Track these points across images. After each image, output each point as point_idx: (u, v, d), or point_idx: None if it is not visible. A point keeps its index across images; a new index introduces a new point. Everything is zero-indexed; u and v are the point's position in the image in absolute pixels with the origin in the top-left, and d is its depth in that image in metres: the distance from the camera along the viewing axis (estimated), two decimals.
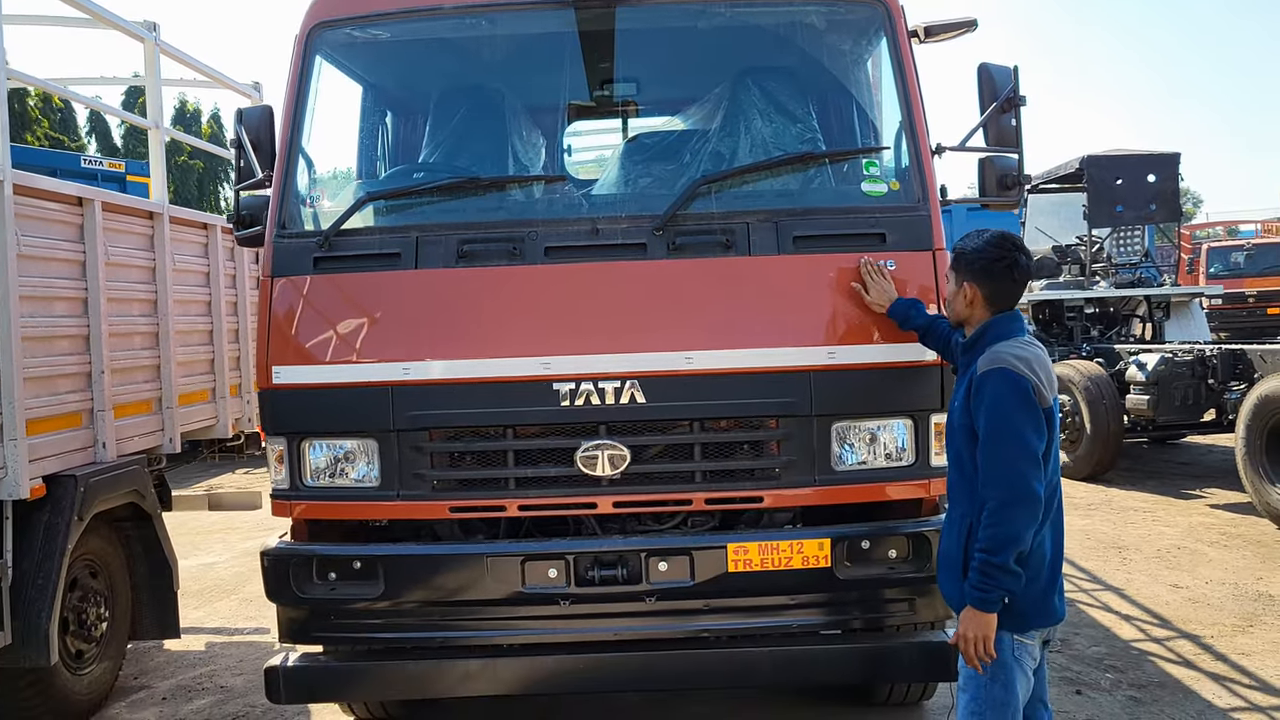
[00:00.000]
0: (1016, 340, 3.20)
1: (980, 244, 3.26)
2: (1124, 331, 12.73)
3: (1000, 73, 4.19)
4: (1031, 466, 3.00)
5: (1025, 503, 2.98)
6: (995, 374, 3.06)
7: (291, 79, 4.22)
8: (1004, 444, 3.02)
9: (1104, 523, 9.05)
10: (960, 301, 3.30)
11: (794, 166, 4.14)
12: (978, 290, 3.24)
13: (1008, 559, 2.97)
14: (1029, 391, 3.04)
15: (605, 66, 4.68)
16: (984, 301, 3.25)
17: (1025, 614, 3.11)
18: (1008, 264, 3.22)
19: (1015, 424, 3.02)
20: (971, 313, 3.29)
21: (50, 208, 5.06)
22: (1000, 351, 3.11)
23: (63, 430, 5.06)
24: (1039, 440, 3.04)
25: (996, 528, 2.98)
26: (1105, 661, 5.65)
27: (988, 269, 3.23)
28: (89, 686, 5.33)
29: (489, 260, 3.90)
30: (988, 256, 3.23)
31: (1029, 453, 3.01)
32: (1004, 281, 3.24)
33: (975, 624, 3.03)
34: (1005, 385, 3.04)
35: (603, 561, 3.81)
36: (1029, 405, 3.04)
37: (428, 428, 3.88)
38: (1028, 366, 3.08)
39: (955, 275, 3.32)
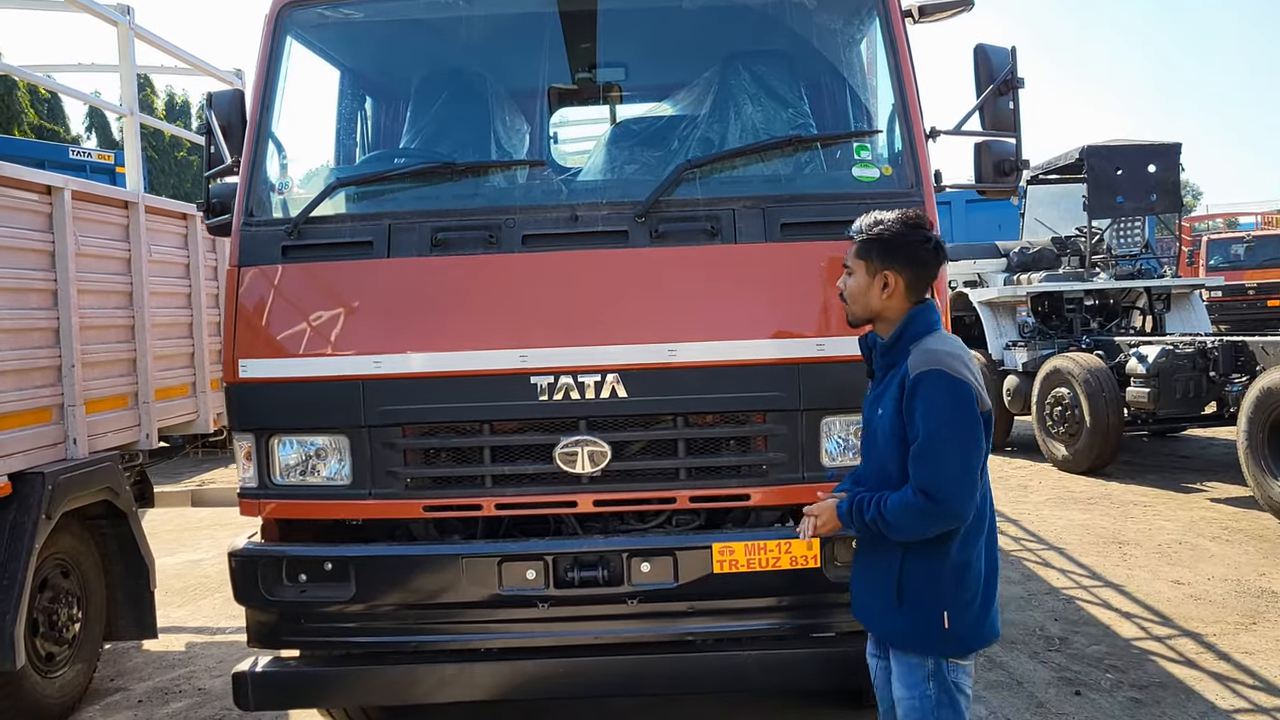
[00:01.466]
0: (941, 335, 2.91)
1: (896, 225, 2.88)
2: (1124, 324, 12.59)
3: (997, 54, 4.05)
4: (968, 483, 2.72)
5: (944, 519, 2.72)
6: (933, 377, 2.74)
7: (260, 60, 4.06)
8: (940, 457, 2.71)
9: (1103, 517, 8.91)
10: (875, 294, 2.89)
11: (783, 151, 3.98)
12: (900, 278, 2.86)
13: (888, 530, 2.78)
14: (971, 398, 2.74)
15: (590, 49, 4.54)
16: (905, 291, 2.88)
17: (964, 639, 2.86)
18: (933, 245, 2.90)
19: (954, 435, 2.71)
20: (888, 305, 2.90)
21: (15, 196, 4.90)
22: (934, 350, 2.80)
23: (30, 426, 4.91)
24: (978, 454, 2.75)
25: (906, 519, 2.73)
26: (1105, 661, 5.51)
27: (914, 253, 2.87)
28: (61, 690, 5.18)
29: (464, 249, 3.75)
30: (912, 239, 2.87)
31: (967, 468, 2.72)
32: (930, 266, 2.91)
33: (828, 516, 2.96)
34: (944, 390, 2.73)
35: (583, 562, 3.66)
36: (970, 414, 2.74)
37: (400, 423, 3.73)
38: (965, 366, 2.78)
39: (867, 263, 2.90)
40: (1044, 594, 6.78)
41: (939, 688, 2.85)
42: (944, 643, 2.83)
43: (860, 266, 2.93)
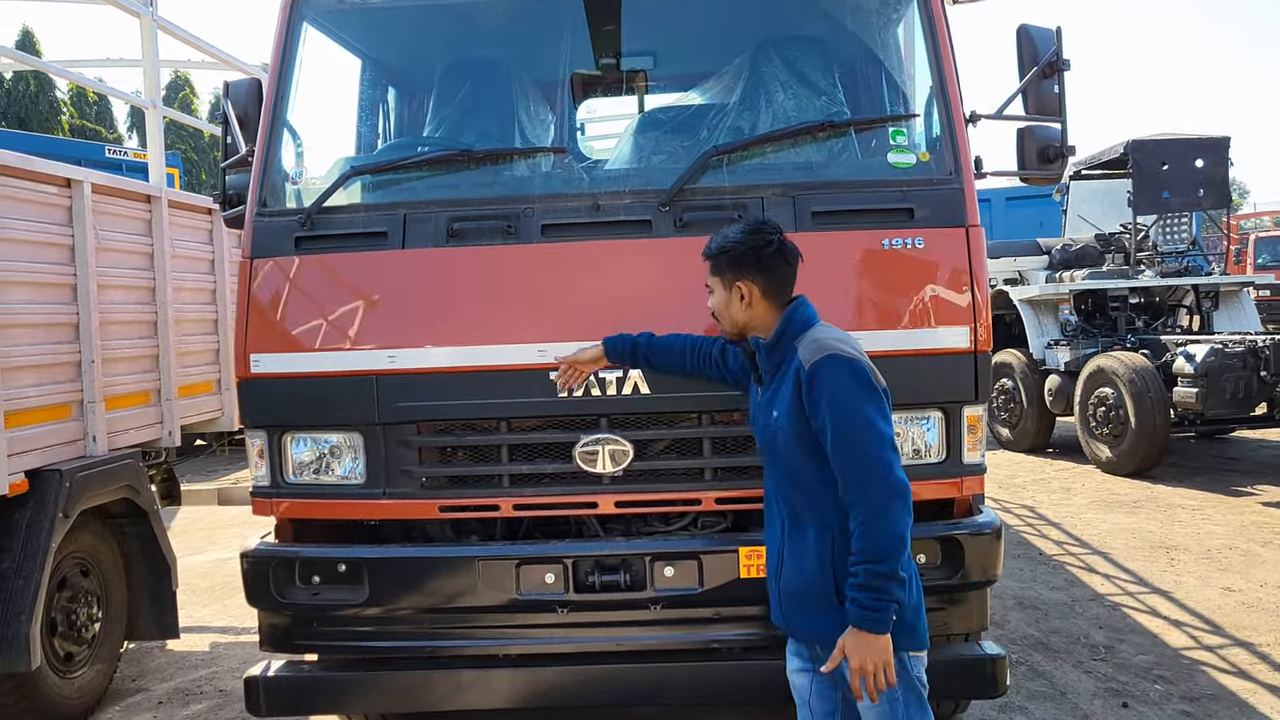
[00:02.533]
0: (822, 327, 2.94)
1: (737, 236, 2.97)
2: (1170, 322, 12.26)
3: (1041, 35, 3.86)
4: (893, 453, 2.73)
5: (900, 495, 2.69)
6: (828, 362, 2.76)
7: (275, 47, 3.95)
8: (858, 436, 2.71)
9: (1150, 521, 8.63)
10: (736, 306, 2.99)
11: (814, 136, 3.80)
12: (754, 286, 2.95)
13: (896, 565, 2.66)
14: (868, 374, 2.78)
15: (615, 36, 4.37)
16: (763, 296, 2.96)
17: (917, 627, 2.83)
18: (776, 247, 2.96)
19: (865, 412, 2.73)
20: (753, 313, 2.98)
21: (35, 189, 4.83)
22: (820, 339, 2.84)
23: (48, 423, 4.85)
24: (889, 425, 2.76)
25: (877, 531, 2.66)
26: (1154, 671, 5.27)
27: (759, 259, 2.94)
28: (80, 691, 5.11)
29: (481, 239, 3.60)
30: (754, 245, 2.95)
31: (887, 440, 2.73)
32: (780, 268, 2.97)
33: (873, 650, 2.67)
34: (843, 371, 2.75)
35: (604, 566, 3.51)
36: (871, 388, 2.77)
37: (415, 420, 3.60)
38: (854, 347, 2.84)
39: (721, 279, 3.01)
40: (1088, 600, 6.54)
41: (905, 686, 2.79)
42: (900, 634, 2.75)
43: (717, 283, 3.03)
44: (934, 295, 3.51)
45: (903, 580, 2.69)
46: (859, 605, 2.67)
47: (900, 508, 2.68)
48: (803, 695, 3.02)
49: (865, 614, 2.66)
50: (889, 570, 2.65)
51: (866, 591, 2.65)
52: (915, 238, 3.52)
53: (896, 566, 2.66)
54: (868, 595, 2.65)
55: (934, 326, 3.49)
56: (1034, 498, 9.86)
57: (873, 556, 2.65)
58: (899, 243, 3.52)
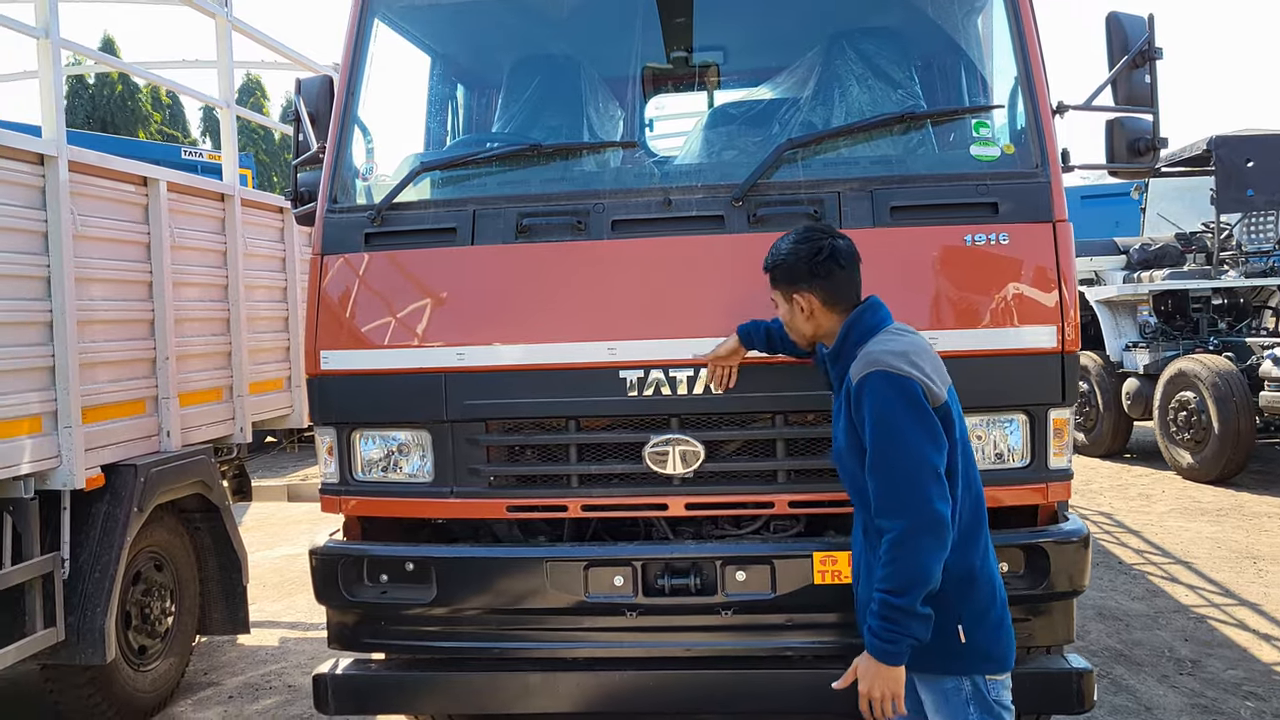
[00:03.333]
0: (887, 332, 2.77)
1: (789, 246, 2.88)
2: (1255, 324, 11.82)
3: (1132, 23, 3.70)
4: (932, 483, 2.54)
5: (931, 529, 2.51)
6: (872, 378, 2.62)
7: (347, 44, 3.94)
8: (895, 460, 2.56)
9: (1235, 530, 8.32)
10: (800, 318, 2.91)
11: (893, 129, 3.67)
12: (813, 296, 2.86)
13: (914, 600, 2.51)
14: (917, 393, 2.59)
15: (686, 30, 4.30)
16: (823, 305, 2.86)
17: (990, 650, 2.68)
18: (828, 254, 2.83)
19: (905, 434, 2.56)
20: (818, 324, 2.89)
21: (112, 187, 4.91)
22: (872, 352, 2.68)
23: (123, 418, 4.91)
24: (936, 451, 2.58)
25: (900, 563, 2.51)
26: (1244, 687, 5.05)
27: (812, 268, 2.83)
28: (153, 683, 5.18)
29: (551, 235, 3.55)
30: (804, 254, 2.85)
31: (927, 467, 2.55)
32: (835, 273, 2.84)
33: (881, 679, 2.56)
34: (886, 389, 2.60)
35: (674, 569, 3.43)
36: (918, 409, 2.58)
37: (483, 418, 3.56)
38: (908, 362, 2.63)
39: (781, 292, 2.93)
40: (1172, 611, 6.30)
41: (982, 710, 2.66)
42: (972, 657, 2.64)
43: (779, 297, 2.96)
44: (1019, 293, 3.38)
45: (923, 616, 2.53)
46: (874, 634, 2.56)
47: (930, 543, 2.52)
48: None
49: (878, 644, 2.55)
50: (907, 605, 2.50)
51: (882, 622, 2.54)
52: (1000, 233, 3.39)
53: (915, 601, 2.51)
54: (882, 626, 2.54)
55: (1019, 326, 3.36)
56: (1111, 504, 9.57)
57: (893, 588, 2.52)
58: (982, 238, 3.40)
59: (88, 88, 30.05)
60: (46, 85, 4.52)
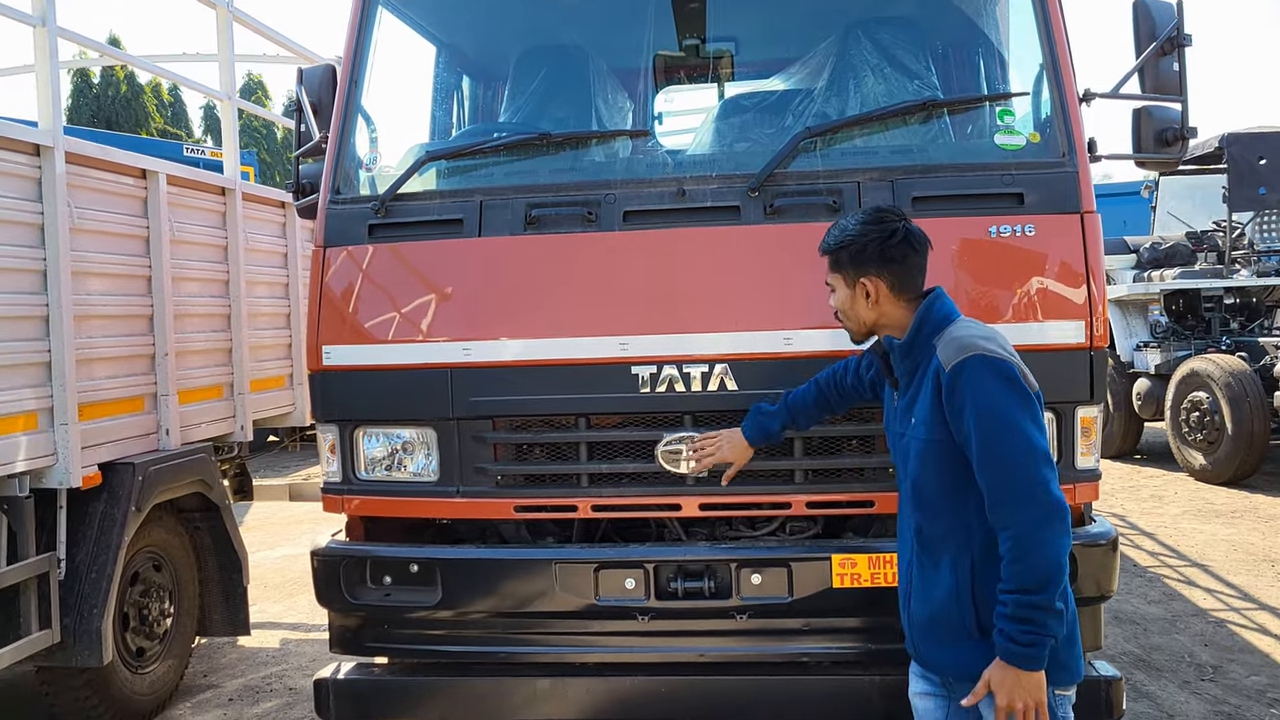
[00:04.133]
0: (964, 322, 2.62)
1: (858, 227, 2.68)
2: (1268, 324, 11.71)
3: (1160, 9, 3.60)
4: (1049, 468, 2.40)
5: (1058, 515, 2.37)
6: (971, 363, 2.44)
7: (350, 32, 3.84)
8: (1009, 447, 2.39)
9: (1251, 532, 8.20)
10: (862, 305, 2.70)
11: (914, 117, 3.56)
12: (881, 282, 2.65)
13: (1052, 595, 2.33)
14: (1018, 376, 2.46)
15: (699, 18, 4.18)
16: (890, 292, 2.66)
17: (1067, 662, 2.51)
18: (902, 236, 2.65)
19: (1016, 419, 2.40)
20: (881, 311, 2.69)
21: (110, 179, 4.80)
22: (962, 337, 2.51)
23: (121, 415, 4.81)
24: (1043, 435, 2.44)
25: (1031, 557, 2.34)
26: (1268, 694, 4.93)
27: (884, 251, 2.64)
28: (151, 686, 5.07)
29: (560, 226, 3.44)
30: (877, 235, 2.65)
31: (1041, 451, 2.41)
32: (909, 258, 2.66)
33: (1024, 687, 2.36)
34: (989, 374, 2.43)
35: (687, 572, 3.32)
36: (1022, 392, 2.45)
37: (490, 416, 3.45)
38: (999, 345, 2.50)
39: (843, 275, 2.72)
40: (1190, 615, 6.18)
41: None
42: (1052, 670, 2.43)
43: (839, 281, 2.76)
44: (1046, 287, 3.26)
45: (1059, 612, 2.36)
46: (1009, 639, 2.36)
47: (1059, 530, 2.35)
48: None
49: (1016, 649, 2.35)
50: (1045, 601, 2.33)
51: (1018, 624, 2.34)
52: (1025, 225, 3.27)
53: (1053, 597, 2.34)
54: (1019, 629, 2.34)
55: (1046, 320, 3.24)
56: (1123, 506, 9.45)
57: (1026, 585, 2.34)
58: (1007, 230, 3.28)
59: (92, 88, 30.01)
60: (43, 75, 4.42)
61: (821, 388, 3.14)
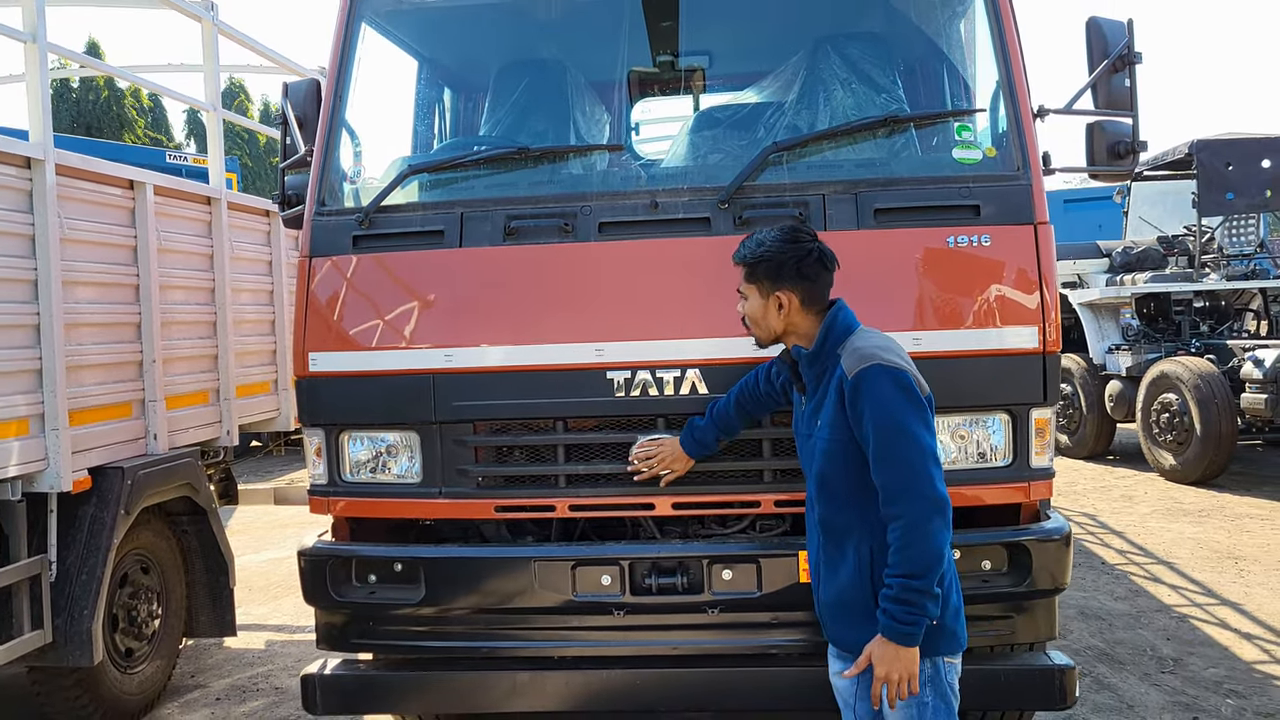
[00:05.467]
0: (864, 333, 2.87)
1: (774, 244, 2.89)
2: (1236, 327, 11.95)
3: (1112, 27, 3.76)
4: (935, 467, 2.68)
5: (941, 511, 2.65)
6: (871, 372, 2.70)
7: (334, 47, 3.96)
8: (903, 449, 2.66)
9: (1217, 531, 8.40)
10: (773, 315, 2.91)
11: (876, 132, 3.71)
12: (794, 295, 2.87)
13: (931, 581, 2.62)
14: (912, 384, 2.72)
15: (672, 34, 4.33)
16: (801, 306, 2.89)
17: (956, 632, 2.80)
18: (817, 255, 2.88)
19: (909, 424, 2.68)
20: (789, 322, 2.91)
21: (99, 190, 4.91)
22: (862, 348, 2.77)
23: (110, 421, 4.91)
24: (932, 437, 2.73)
25: (916, 546, 2.62)
26: (1225, 685, 5.11)
27: (799, 269, 2.86)
28: (140, 686, 5.17)
29: (538, 237, 3.58)
30: (794, 254, 2.86)
31: (930, 452, 2.68)
32: (820, 276, 2.90)
33: (900, 661, 2.64)
34: (886, 382, 2.69)
35: (661, 568, 3.46)
36: (915, 399, 2.71)
37: (471, 419, 3.58)
38: (896, 355, 2.77)
39: (758, 287, 2.92)
40: (1154, 611, 6.36)
41: (936, 694, 2.76)
42: (940, 637, 2.74)
43: (752, 290, 2.95)
44: (1001, 294, 3.42)
45: (937, 596, 2.64)
46: (891, 618, 2.64)
47: (940, 524, 2.64)
48: (845, 698, 2.97)
49: (896, 627, 2.63)
50: (924, 586, 2.61)
51: (900, 605, 2.62)
52: (982, 235, 3.43)
53: (932, 583, 2.62)
54: (901, 609, 2.62)
55: (1001, 326, 3.40)
56: (1095, 505, 9.64)
57: (909, 571, 2.61)
58: (965, 240, 3.44)
59: (72, 92, 29.91)
60: (34, 89, 4.52)
61: (738, 398, 3.34)
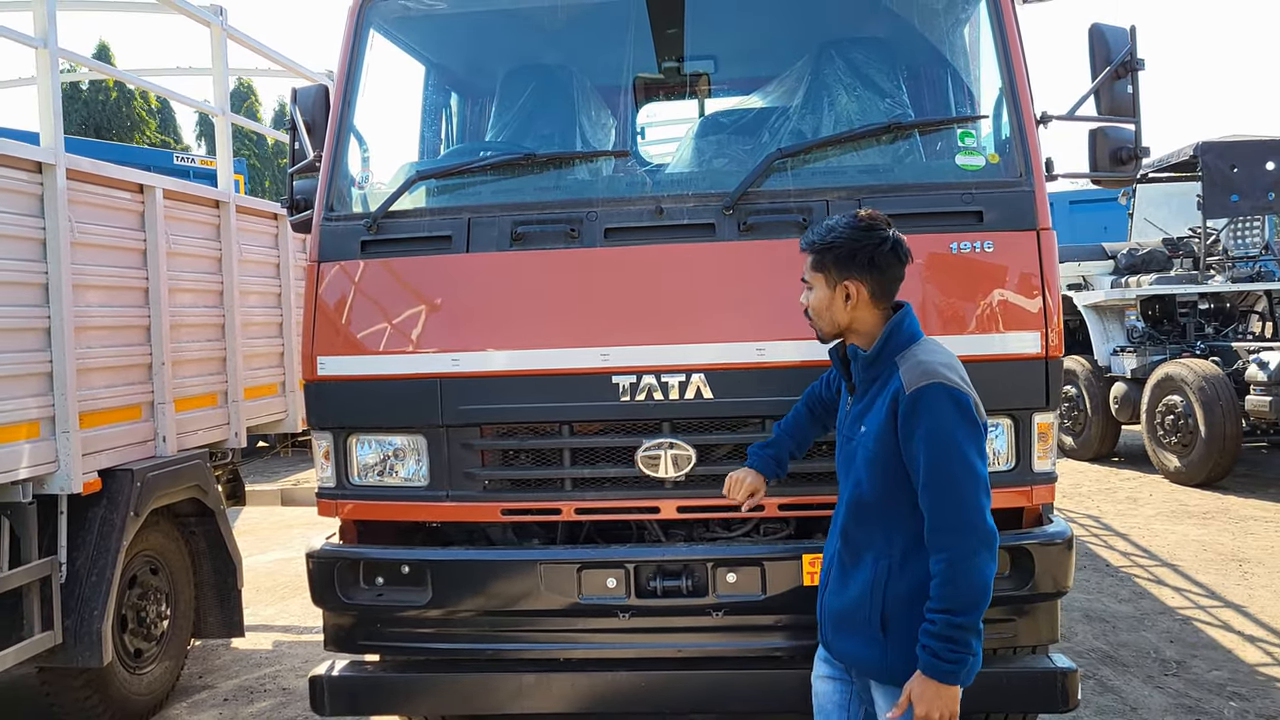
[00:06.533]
0: (929, 345, 2.72)
1: (846, 230, 2.73)
2: (1241, 329, 11.94)
3: (1115, 34, 3.78)
4: (987, 498, 2.56)
5: (989, 544, 2.53)
6: (932, 391, 2.55)
7: (343, 54, 4.00)
8: (958, 478, 2.52)
9: (1221, 533, 8.40)
10: (839, 307, 2.75)
11: (880, 139, 3.75)
12: (863, 286, 2.71)
13: (978, 618, 2.50)
14: (972, 408, 2.58)
15: (677, 40, 4.36)
16: (869, 299, 2.73)
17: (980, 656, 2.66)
18: (891, 244, 2.72)
19: (965, 451, 2.54)
20: (855, 316, 2.75)
21: (109, 194, 4.95)
22: (927, 362, 2.62)
23: (120, 423, 4.95)
24: (985, 466, 2.58)
25: (962, 581, 2.49)
26: (1228, 688, 5.12)
27: (872, 257, 2.70)
28: (148, 686, 5.21)
29: (544, 243, 3.61)
30: (867, 242, 2.70)
31: (984, 483, 2.56)
32: (893, 268, 2.74)
33: (942, 700, 2.50)
34: (947, 404, 2.55)
35: (666, 571, 3.49)
36: (975, 425, 2.58)
37: (478, 423, 3.62)
38: (960, 376, 2.62)
39: (825, 276, 2.76)
40: (1158, 613, 6.37)
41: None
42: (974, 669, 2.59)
43: (819, 280, 2.79)
44: (1004, 300, 3.45)
45: (981, 632, 2.52)
46: (935, 656, 2.49)
47: (987, 557, 2.52)
48: (822, 704, 2.95)
49: (939, 665, 2.49)
50: (969, 622, 2.48)
51: (944, 643, 2.48)
52: (985, 241, 3.46)
53: (978, 619, 2.50)
54: (944, 646, 2.48)
55: (1004, 331, 3.43)
56: (1099, 507, 9.65)
57: (954, 607, 2.48)
58: (968, 246, 3.47)
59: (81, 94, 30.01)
60: (45, 94, 4.56)
61: (809, 406, 3.25)
